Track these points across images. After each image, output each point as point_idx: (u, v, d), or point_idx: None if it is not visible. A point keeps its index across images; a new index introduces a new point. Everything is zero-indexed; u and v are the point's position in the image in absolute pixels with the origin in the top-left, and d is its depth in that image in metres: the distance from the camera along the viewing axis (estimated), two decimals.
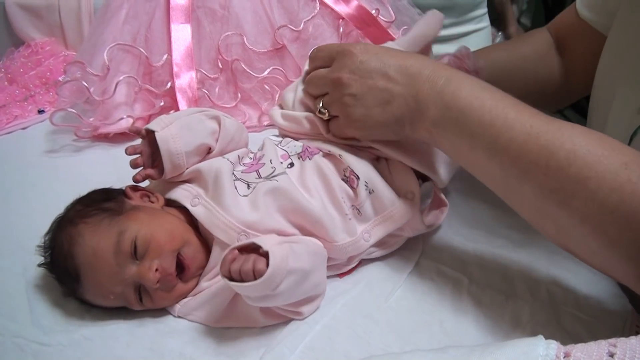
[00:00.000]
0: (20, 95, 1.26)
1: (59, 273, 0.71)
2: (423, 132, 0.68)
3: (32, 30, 1.36)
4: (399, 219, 0.75)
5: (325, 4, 1.19)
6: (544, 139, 0.58)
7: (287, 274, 0.62)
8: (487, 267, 0.75)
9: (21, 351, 0.65)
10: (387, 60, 0.69)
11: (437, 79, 0.66)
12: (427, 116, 0.66)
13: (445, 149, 0.68)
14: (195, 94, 1.13)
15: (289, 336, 0.66)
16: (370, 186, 0.74)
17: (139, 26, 1.16)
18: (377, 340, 0.66)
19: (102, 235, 0.68)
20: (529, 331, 0.65)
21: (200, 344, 0.66)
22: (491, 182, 0.65)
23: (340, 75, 0.71)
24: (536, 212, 0.61)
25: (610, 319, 0.67)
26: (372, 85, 0.69)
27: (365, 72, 0.70)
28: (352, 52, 0.72)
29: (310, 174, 0.74)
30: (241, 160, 0.78)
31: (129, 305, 0.69)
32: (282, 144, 0.80)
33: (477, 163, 0.64)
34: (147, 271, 0.66)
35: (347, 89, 0.71)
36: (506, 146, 0.60)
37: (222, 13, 1.17)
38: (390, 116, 0.69)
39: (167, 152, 0.71)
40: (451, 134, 0.65)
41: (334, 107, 0.74)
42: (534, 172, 0.58)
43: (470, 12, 1.79)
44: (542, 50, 0.94)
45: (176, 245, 0.69)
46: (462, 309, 0.69)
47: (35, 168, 1.03)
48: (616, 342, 0.47)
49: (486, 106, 0.62)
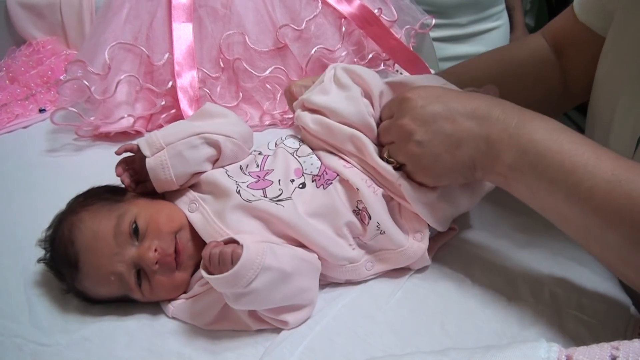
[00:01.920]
0: (22, 94, 1.26)
1: (58, 262, 0.71)
2: (496, 176, 0.65)
3: (33, 29, 1.36)
4: (405, 260, 0.73)
5: (327, 3, 1.18)
6: (627, 187, 0.55)
7: (263, 271, 0.61)
8: (490, 268, 0.75)
9: (20, 351, 0.65)
10: (450, 103, 0.67)
11: (509, 120, 0.63)
12: (502, 160, 0.63)
13: (519, 193, 0.65)
14: (197, 93, 1.13)
15: (289, 337, 0.66)
16: (382, 228, 0.72)
17: (140, 25, 1.16)
18: (378, 341, 0.65)
19: (102, 218, 0.69)
20: (531, 333, 0.65)
21: (198, 345, 0.66)
22: (570, 228, 0.62)
23: (402, 122, 0.68)
24: (620, 260, 0.58)
25: (613, 322, 0.67)
26: (437, 130, 0.66)
27: (429, 117, 0.67)
28: (410, 98, 0.69)
29: (320, 204, 0.72)
30: (245, 169, 0.76)
31: (128, 292, 0.69)
32: (299, 153, 0.77)
33: (556, 209, 0.62)
34: (147, 251, 0.67)
35: (412, 137, 0.68)
36: (588, 195, 0.57)
37: (224, 12, 1.17)
38: (460, 161, 0.66)
39: (156, 179, 0.71)
40: (529, 178, 0.62)
41: (400, 156, 0.71)
42: (617, 223, 0.56)
43: (489, 8, 1.78)
44: (539, 56, 0.92)
45: (175, 226, 0.70)
46: (464, 310, 0.69)
47: (36, 167, 1.03)
48: (619, 345, 0.46)
49: (565, 151, 0.60)
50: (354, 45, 1.21)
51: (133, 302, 0.71)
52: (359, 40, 1.21)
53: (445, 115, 0.66)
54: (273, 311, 0.66)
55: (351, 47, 1.20)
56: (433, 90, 0.70)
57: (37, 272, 0.76)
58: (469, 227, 0.83)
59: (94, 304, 0.71)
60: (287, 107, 1.17)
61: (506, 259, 0.76)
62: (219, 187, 0.72)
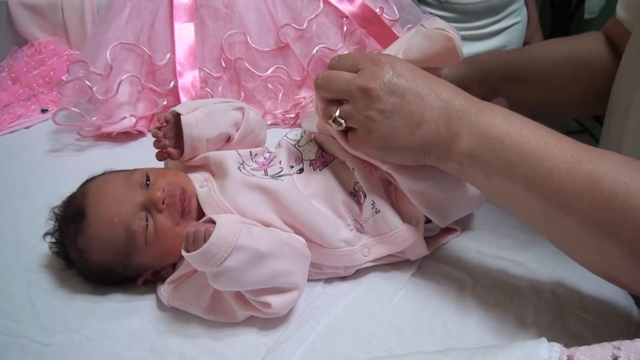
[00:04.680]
0: (24, 94, 1.26)
1: (65, 220, 0.73)
2: (450, 162, 0.65)
3: (35, 30, 1.37)
4: (400, 243, 0.74)
5: (329, 2, 1.18)
6: (586, 167, 0.56)
7: (235, 250, 0.62)
8: (492, 267, 0.75)
9: (22, 351, 0.65)
10: (420, 82, 0.65)
11: (470, 108, 0.63)
12: (459, 145, 0.63)
13: (475, 180, 0.65)
14: (199, 92, 1.13)
15: (291, 337, 0.66)
16: (377, 206, 0.73)
17: (142, 25, 1.16)
18: (380, 341, 0.65)
19: (115, 174, 0.76)
20: (533, 332, 0.65)
21: (201, 345, 0.66)
22: (527, 213, 0.62)
23: (371, 85, 0.64)
24: (579, 243, 0.58)
25: (615, 321, 0.67)
26: (403, 104, 0.64)
27: (398, 89, 0.64)
28: (384, 63, 0.65)
29: (317, 185, 0.74)
30: (254, 157, 0.79)
31: (131, 241, 0.68)
32: (300, 144, 0.80)
33: (513, 194, 0.61)
34: (155, 191, 0.70)
35: (376, 103, 0.64)
36: (547, 176, 0.57)
37: (226, 12, 1.17)
38: (417, 141, 0.65)
39: (190, 136, 0.75)
40: (486, 163, 0.62)
41: (354, 119, 0.67)
42: (578, 202, 0.56)
43: (506, 8, 1.77)
44: (602, 47, 0.87)
45: (182, 180, 0.74)
46: (466, 310, 0.69)
47: (38, 167, 1.03)
48: (620, 345, 0.46)
49: (524, 134, 0.60)
50: (355, 44, 1.21)
51: (132, 297, 0.71)
52: (361, 40, 1.21)
53: (415, 92, 0.64)
54: (254, 292, 0.66)
55: (353, 47, 1.20)
56: (408, 65, 0.67)
57: (40, 272, 0.76)
58: (471, 227, 0.83)
59: (94, 280, 0.73)
60: (288, 106, 1.17)
61: (508, 258, 0.76)
62: (226, 164, 0.74)
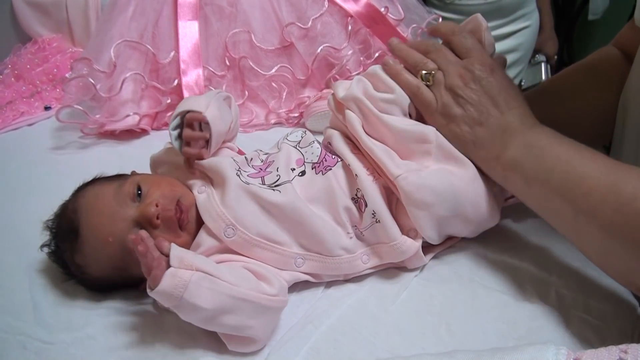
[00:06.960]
0: (27, 91, 1.26)
1: (60, 236, 0.72)
2: (496, 166, 0.69)
3: (39, 27, 1.37)
4: (398, 255, 0.73)
5: (333, 1, 1.18)
6: (614, 176, 0.60)
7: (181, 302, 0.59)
8: (496, 269, 0.74)
9: (24, 349, 0.65)
10: (504, 92, 0.70)
11: (526, 121, 0.68)
12: (507, 153, 0.67)
13: (515, 186, 0.69)
14: (202, 91, 1.13)
15: (294, 337, 0.66)
16: (378, 216, 0.72)
17: (146, 23, 1.16)
18: (383, 342, 0.65)
19: (106, 185, 0.72)
20: (537, 335, 0.64)
21: (203, 344, 0.65)
22: (560, 220, 0.65)
23: (475, 73, 0.70)
24: (603, 249, 0.61)
25: (620, 324, 0.66)
26: (483, 101, 0.69)
27: (487, 86, 0.70)
28: (483, 49, 0.73)
29: (319, 189, 0.73)
30: (250, 162, 0.77)
31: (128, 257, 0.66)
32: (301, 145, 0.78)
33: (548, 200, 0.65)
34: (147, 206, 0.68)
35: (471, 83, 0.70)
36: (579, 182, 0.62)
37: (230, 10, 1.17)
38: (473, 137, 0.70)
39: (217, 132, 0.74)
40: (526, 169, 0.66)
41: (440, 90, 0.72)
42: (603, 207, 0.59)
43: (516, 11, 1.77)
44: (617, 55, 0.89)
45: (176, 192, 0.71)
46: (470, 312, 0.69)
47: (41, 165, 1.03)
48: (627, 348, 0.46)
49: (564, 144, 0.65)
50: (360, 44, 1.20)
51: (134, 295, 0.71)
52: (365, 39, 1.21)
53: (494, 91, 0.70)
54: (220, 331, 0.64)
55: (357, 46, 1.20)
56: (503, 74, 0.73)
57: (42, 270, 0.76)
58: None
59: (95, 289, 0.72)
60: (292, 105, 1.17)
61: (513, 260, 0.76)
62: (223, 170, 0.72)
